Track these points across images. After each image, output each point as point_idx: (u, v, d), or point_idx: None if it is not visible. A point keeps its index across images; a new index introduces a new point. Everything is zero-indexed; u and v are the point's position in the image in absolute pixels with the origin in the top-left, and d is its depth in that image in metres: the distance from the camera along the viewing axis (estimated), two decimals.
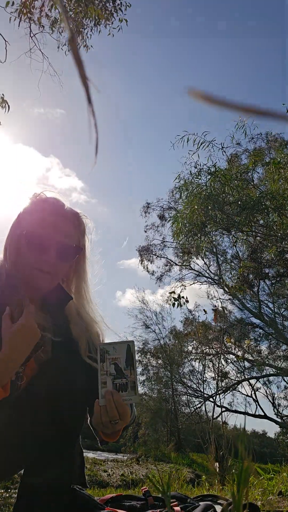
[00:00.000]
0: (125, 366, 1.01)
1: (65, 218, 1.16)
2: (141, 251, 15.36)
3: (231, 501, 1.17)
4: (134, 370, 1.01)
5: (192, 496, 1.44)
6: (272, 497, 2.12)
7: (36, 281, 1.11)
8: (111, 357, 1.02)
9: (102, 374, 1.00)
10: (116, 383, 0.99)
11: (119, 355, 1.02)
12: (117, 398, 0.97)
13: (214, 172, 7.70)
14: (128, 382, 0.99)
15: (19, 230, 1.13)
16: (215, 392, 11.49)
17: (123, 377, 1.00)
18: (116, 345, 1.03)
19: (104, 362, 1.01)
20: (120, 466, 9.10)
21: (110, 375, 1.00)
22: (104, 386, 1.00)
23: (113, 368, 1.01)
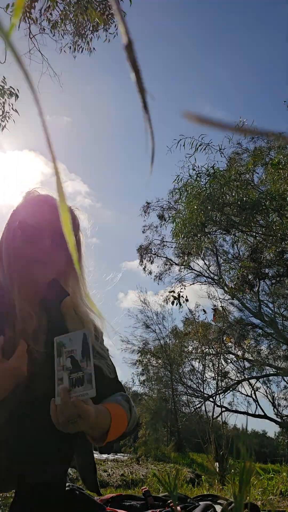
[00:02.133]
0: (81, 357, 0.92)
1: (57, 210, 1.16)
2: (141, 250, 15.36)
3: (231, 501, 1.17)
4: (91, 360, 0.92)
5: (192, 496, 1.45)
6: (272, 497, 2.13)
7: (32, 273, 1.11)
8: (67, 349, 0.93)
9: (58, 370, 0.92)
10: (72, 377, 0.91)
11: (75, 346, 0.93)
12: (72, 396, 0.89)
13: (213, 174, 7.71)
14: (85, 375, 0.91)
15: (12, 225, 1.14)
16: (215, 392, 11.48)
17: (79, 370, 0.91)
18: (72, 336, 0.95)
19: (61, 357, 0.93)
20: (120, 466, 9.09)
21: (67, 369, 0.92)
22: (61, 383, 0.91)
23: (69, 361, 0.93)
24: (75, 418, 0.88)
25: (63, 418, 0.88)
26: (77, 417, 0.88)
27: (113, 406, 1.05)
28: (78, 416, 0.88)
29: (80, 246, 1.23)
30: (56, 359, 0.93)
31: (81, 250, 1.23)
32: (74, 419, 0.88)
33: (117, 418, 1.03)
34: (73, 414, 0.88)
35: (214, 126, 0.17)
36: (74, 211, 1.22)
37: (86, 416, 0.89)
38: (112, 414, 1.00)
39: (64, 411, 0.88)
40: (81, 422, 0.89)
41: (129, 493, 1.98)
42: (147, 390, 18.95)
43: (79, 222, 1.23)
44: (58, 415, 0.89)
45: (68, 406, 0.87)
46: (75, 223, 1.21)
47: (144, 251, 15.32)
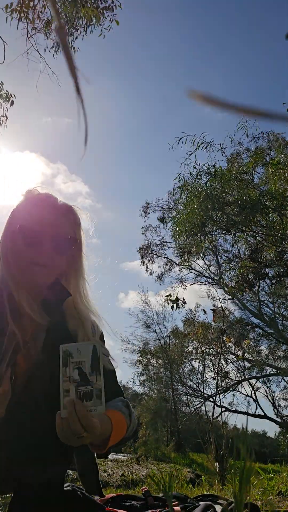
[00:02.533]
0: (91, 371, 0.88)
1: (58, 211, 1.16)
2: (142, 250, 15.37)
3: (231, 501, 1.17)
4: (101, 375, 0.87)
5: (192, 496, 1.44)
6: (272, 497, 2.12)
7: (33, 276, 1.10)
8: (75, 360, 0.88)
9: (64, 381, 0.87)
10: (80, 391, 0.86)
11: (84, 358, 0.88)
12: (79, 409, 0.84)
13: (214, 173, 7.70)
14: (94, 390, 0.86)
15: (13, 226, 1.13)
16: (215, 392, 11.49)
17: (87, 384, 0.87)
18: (80, 347, 0.90)
19: (67, 367, 0.88)
20: (120, 466, 9.09)
21: (74, 381, 0.87)
22: (67, 395, 0.86)
23: (77, 373, 0.87)
24: (80, 433, 0.84)
25: (69, 433, 0.85)
26: (83, 432, 0.85)
27: (113, 413, 1.03)
28: (84, 431, 0.84)
29: (81, 246, 1.22)
30: (62, 369, 0.88)
31: (82, 250, 1.22)
32: (80, 434, 0.84)
33: (118, 425, 1.02)
34: (79, 429, 0.84)
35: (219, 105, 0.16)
36: (76, 210, 1.21)
37: (92, 431, 0.86)
38: (113, 422, 0.99)
39: (72, 425, 0.84)
40: (87, 436, 0.86)
41: (129, 493, 1.98)
42: (147, 390, 18.97)
43: (80, 222, 1.23)
44: (64, 429, 0.85)
45: (75, 421, 0.84)
46: (76, 222, 1.21)
47: (145, 251, 15.33)
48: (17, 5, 5.30)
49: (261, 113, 0.16)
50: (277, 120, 0.17)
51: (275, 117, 0.16)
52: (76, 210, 1.21)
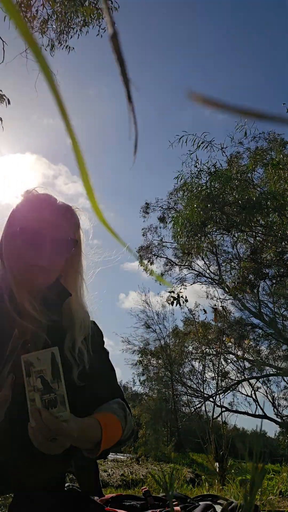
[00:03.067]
0: (52, 378, 0.90)
1: (58, 212, 1.16)
2: (141, 251, 15.36)
3: (231, 501, 1.17)
4: (62, 381, 0.90)
5: (192, 496, 1.44)
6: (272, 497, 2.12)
7: (33, 277, 1.11)
8: (37, 369, 0.91)
9: (29, 391, 0.90)
10: (45, 399, 0.89)
11: (44, 366, 0.91)
12: (45, 416, 0.87)
13: (214, 172, 7.71)
14: (57, 397, 0.89)
15: (13, 228, 1.13)
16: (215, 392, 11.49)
17: (51, 391, 0.89)
18: (40, 355, 0.92)
19: (30, 377, 0.90)
20: (120, 466, 9.09)
21: (38, 390, 0.89)
22: (33, 404, 0.89)
23: (40, 382, 0.90)
24: (52, 436, 0.87)
25: (41, 438, 0.87)
26: (55, 435, 0.87)
27: (105, 416, 1.04)
28: (55, 434, 0.87)
29: (80, 246, 1.22)
30: (26, 379, 0.90)
31: (81, 250, 1.23)
32: (52, 437, 0.87)
33: (110, 428, 1.02)
34: (49, 433, 0.87)
35: (219, 107, 0.16)
36: (75, 211, 1.22)
37: (64, 434, 0.88)
38: (102, 425, 0.99)
39: (41, 431, 0.87)
40: (62, 439, 0.89)
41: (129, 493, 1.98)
42: (147, 390, 18.97)
43: (79, 222, 1.23)
44: (35, 438, 0.88)
45: (43, 427, 0.86)
46: (75, 223, 1.21)
47: (144, 252, 15.32)
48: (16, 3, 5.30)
49: (260, 115, 0.16)
50: (276, 122, 0.17)
51: (274, 119, 0.16)
52: (76, 210, 1.22)
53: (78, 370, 1.09)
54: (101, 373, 1.19)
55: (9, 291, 1.08)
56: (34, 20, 5.57)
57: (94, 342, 1.22)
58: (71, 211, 1.20)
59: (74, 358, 1.10)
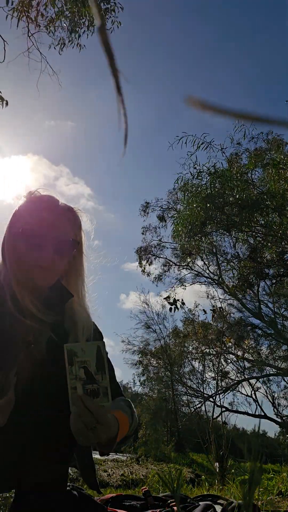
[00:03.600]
0: (96, 370, 0.91)
1: (60, 213, 1.16)
2: (140, 251, 15.34)
3: (231, 501, 1.17)
4: (106, 374, 0.92)
5: (192, 496, 1.45)
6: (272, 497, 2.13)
7: (35, 278, 1.11)
8: (80, 359, 0.92)
9: (71, 379, 0.90)
10: (87, 388, 0.90)
11: (89, 357, 0.92)
12: (88, 403, 0.88)
13: (214, 173, 7.71)
14: (100, 388, 0.91)
15: (15, 229, 1.13)
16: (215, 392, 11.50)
17: (94, 382, 0.91)
18: (84, 347, 0.93)
19: (73, 366, 0.91)
20: (120, 466, 9.10)
21: (80, 379, 0.90)
22: (74, 392, 0.90)
23: (83, 372, 0.91)
24: (93, 424, 0.88)
25: (81, 425, 0.88)
26: (96, 424, 0.88)
27: (117, 413, 1.06)
28: (96, 422, 0.88)
29: (82, 247, 1.22)
30: (68, 367, 0.91)
31: (82, 251, 1.23)
32: (93, 425, 0.88)
33: (122, 424, 1.04)
34: (91, 420, 0.88)
35: (217, 112, 0.16)
36: (76, 212, 1.22)
37: (105, 422, 0.89)
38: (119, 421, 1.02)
39: (82, 417, 0.88)
40: (100, 429, 0.89)
41: (129, 493, 1.98)
42: (148, 390, 18.98)
43: (81, 223, 1.23)
44: (76, 422, 0.89)
45: (86, 413, 0.88)
46: (77, 224, 1.21)
47: (142, 252, 15.30)
48: (17, 4, 5.30)
49: (258, 118, 0.16)
50: (274, 125, 0.17)
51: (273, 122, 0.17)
52: (77, 211, 1.22)
53: None
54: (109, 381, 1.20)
55: (11, 291, 1.08)
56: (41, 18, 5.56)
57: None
58: (73, 213, 1.21)
59: None
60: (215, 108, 0.16)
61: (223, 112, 0.16)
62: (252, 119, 0.17)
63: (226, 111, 0.16)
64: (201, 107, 0.16)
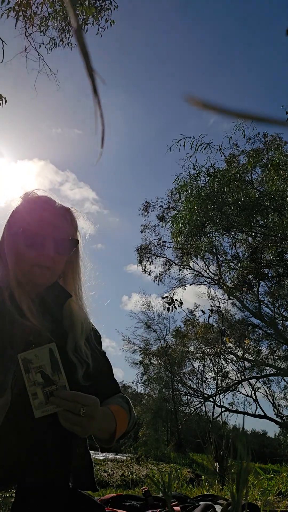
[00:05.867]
0: (52, 372, 0.95)
1: (58, 213, 1.17)
2: (140, 251, 15.34)
3: (231, 501, 1.17)
4: (62, 373, 0.95)
5: (192, 496, 1.45)
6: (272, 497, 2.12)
7: (35, 278, 1.11)
8: (35, 365, 0.95)
9: (30, 386, 0.93)
10: (46, 391, 0.93)
11: (43, 361, 0.95)
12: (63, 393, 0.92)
13: (213, 173, 7.72)
14: (59, 388, 0.94)
15: (14, 229, 1.14)
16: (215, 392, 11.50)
17: (52, 383, 0.94)
18: (37, 352, 0.96)
19: (29, 373, 0.94)
20: (120, 466, 9.10)
21: (39, 384, 0.94)
22: (35, 397, 0.93)
23: (40, 376, 0.94)
24: (79, 408, 0.90)
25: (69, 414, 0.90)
26: (81, 407, 0.90)
27: (116, 409, 1.08)
28: (81, 405, 0.90)
29: (78, 247, 1.23)
30: (25, 375, 0.94)
31: (79, 251, 1.23)
32: (78, 409, 0.90)
33: (121, 420, 1.06)
34: (74, 406, 0.90)
35: (217, 111, 0.16)
36: (73, 212, 1.22)
37: (91, 403, 0.91)
38: (115, 416, 1.03)
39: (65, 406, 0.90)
40: (88, 409, 0.91)
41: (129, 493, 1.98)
42: (148, 390, 19.00)
43: (77, 224, 1.24)
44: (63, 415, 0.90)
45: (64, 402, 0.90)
46: (74, 224, 1.22)
47: (143, 251, 15.30)
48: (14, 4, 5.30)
49: (258, 118, 0.16)
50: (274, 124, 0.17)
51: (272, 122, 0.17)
52: (74, 212, 1.22)
53: (82, 370, 1.10)
54: (102, 371, 1.22)
55: (9, 292, 1.08)
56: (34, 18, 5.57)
57: (93, 342, 1.23)
58: (70, 213, 1.21)
59: (78, 358, 1.11)
60: (215, 107, 0.16)
61: (223, 111, 0.16)
62: (252, 118, 0.17)
63: (226, 110, 0.16)
64: (201, 106, 0.16)
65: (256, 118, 0.16)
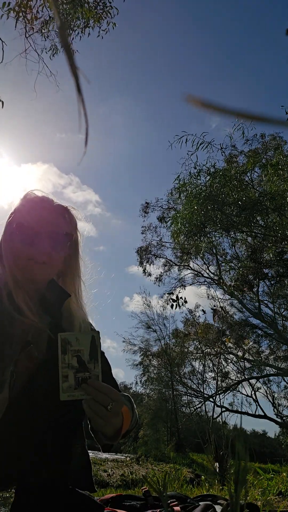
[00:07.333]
0: (89, 359, 0.92)
1: (55, 210, 1.18)
2: (140, 252, 15.34)
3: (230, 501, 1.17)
4: (99, 363, 0.93)
5: (192, 496, 1.44)
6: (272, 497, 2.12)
7: (32, 274, 1.11)
8: (74, 348, 0.92)
9: (63, 367, 0.91)
10: (79, 377, 0.91)
11: (83, 347, 0.93)
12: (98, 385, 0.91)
13: (214, 173, 7.71)
14: (92, 377, 0.92)
15: (11, 226, 1.14)
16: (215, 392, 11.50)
17: (86, 370, 0.92)
18: (79, 336, 0.94)
19: (66, 354, 0.92)
20: (120, 466, 9.09)
21: (72, 368, 0.92)
22: (66, 380, 0.91)
23: (76, 361, 0.92)
24: (109, 402, 0.91)
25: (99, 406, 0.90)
26: (111, 402, 0.91)
27: None
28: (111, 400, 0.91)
29: (77, 246, 1.23)
30: (61, 356, 0.92)
31: (78, 250, 1.23)
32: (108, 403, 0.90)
33: (126, 417, 1.05)
34: (106, 400, 0.90)
35: (217, 110, 0.16)
36: (71, 211, 1.23)
37: (117, 399, 0.92)
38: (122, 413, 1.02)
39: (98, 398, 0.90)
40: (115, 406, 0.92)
41: (129, 493, 1.98)
42: (148, 390, 19.00)
43: (77, 223, 1.24)
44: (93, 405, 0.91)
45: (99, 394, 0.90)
46: (72, 222, 1.22)
47: (143, 252, 15.29)
48: (15, 4, 5.30)
49: (258, 118, 0.16)
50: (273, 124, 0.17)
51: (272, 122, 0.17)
52: (72, 210, 1.23)
53: None
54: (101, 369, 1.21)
55: (8, 291, 1.08)
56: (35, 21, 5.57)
57: None
58: (68, 211, 1.22)
59: None
60: (214, 106, 0.16)
61: (223, 111, 0.16)
62: (252, 118, 0.17)
63: (226, 110, 0.16)
64: (201, 105, 0.16)
65: (256, 118, 0.16)
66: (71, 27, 5.69)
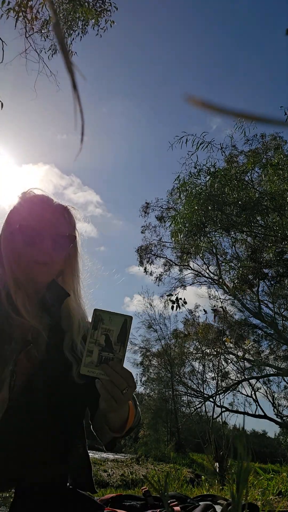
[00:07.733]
0: (116, 340, 0.92)
1: (55, 210, 1.18)
2: (140, 251, 15.34)
3: (230, 501, 1.17)
4: (124, 347, 0.92)
5: (192, 496, 1.44)
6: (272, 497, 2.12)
7: (33, 275, 1.11)
8: (105, 327, 0.93)
9: (90, 342, 0.92)
10: (102, 355, 0.91)
11: (113, 327, 0.93)
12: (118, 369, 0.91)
13: (214, 173, 7.71)
14: (115, 358, 0.92)
15: (11, 226, 1.14)
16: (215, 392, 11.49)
17: (110, 351, 0.92)
18: (112, 316, 0.94)
19: (96, 330, 0.92)
20: (120, 466, 9.09)
21: (99, 345, 0.92)
22: (89, 355, 0.91)
23: (104, 339, 0.92)
24: (125, 386, 0.90)
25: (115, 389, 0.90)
26: (127, 387, 0.91)
27: None
28: (127, 385, 0.91)
29: (77, 245, 1.23)
30: (91, 330, 0.92)
31: (77, 250, 1.23)
32: (124, 387, 0.90)
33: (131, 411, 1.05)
34: (123, 383, 0.90)
35: (217, 111, 0.16)
36: (70, 210, 1.22)
37: (133, 385, 0.92)
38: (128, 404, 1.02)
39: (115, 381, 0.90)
40: (130, 391, 0.92)
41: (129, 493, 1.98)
42: (148, 390, 19.01)
43: (76, 222, 1.23)
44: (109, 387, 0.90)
45: (117, 376, 0.90)
46: (72, 222, 1.21)
47: (143, 252, 15.30)
48: (15, 4, 5.30)
49: (258, 118, 0.16)
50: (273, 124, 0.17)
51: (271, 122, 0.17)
52: (71, 210, 1.22)
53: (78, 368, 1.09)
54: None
55: (6, 291, 1.08)
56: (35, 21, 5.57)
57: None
58: (68, 211, 1.21)
59: (74, 357, 1.11)
60: (215, 106, 0.16)
61: (222, 111, 0.16)
62: (252, 118, 0.17)
63: (226, 110, 0.16)
64: (201, 105, 0.16)
65: (256, 118, 0.16)
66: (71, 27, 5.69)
